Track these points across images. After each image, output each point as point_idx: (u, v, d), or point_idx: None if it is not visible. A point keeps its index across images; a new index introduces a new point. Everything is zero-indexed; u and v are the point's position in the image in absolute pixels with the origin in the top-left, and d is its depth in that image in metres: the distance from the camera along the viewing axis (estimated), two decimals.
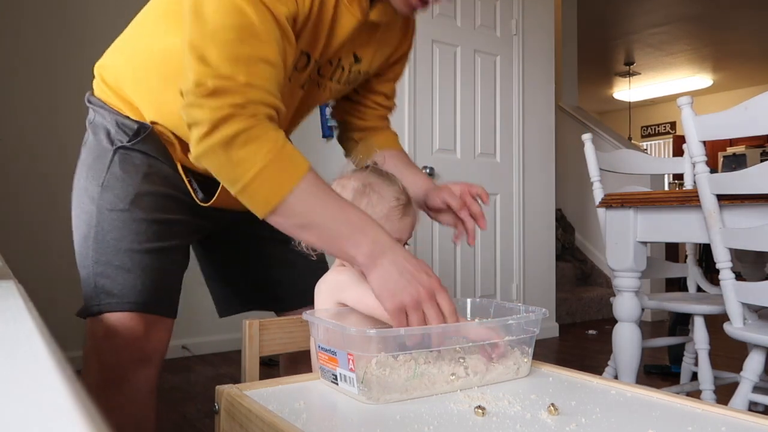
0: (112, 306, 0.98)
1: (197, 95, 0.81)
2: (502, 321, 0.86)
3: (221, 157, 0.81)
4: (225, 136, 0.80)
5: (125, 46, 1.09)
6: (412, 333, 0.78)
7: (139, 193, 1.01)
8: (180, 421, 2.08)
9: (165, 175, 1.05)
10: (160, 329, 1.03)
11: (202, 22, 0.82)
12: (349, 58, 1.07)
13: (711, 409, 0.71)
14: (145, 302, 1.00)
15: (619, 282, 1.76)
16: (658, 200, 1.62)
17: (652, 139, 10.45)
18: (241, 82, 0.81)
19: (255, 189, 0.81)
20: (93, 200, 1.02)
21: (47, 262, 2.67)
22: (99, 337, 0.99)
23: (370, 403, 0.72)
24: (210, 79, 0.80)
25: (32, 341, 0.36)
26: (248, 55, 0.82)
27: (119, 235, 1.00)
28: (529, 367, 0.87)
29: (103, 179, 1.02)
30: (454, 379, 0.78)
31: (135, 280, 0.99)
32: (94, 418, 0.22)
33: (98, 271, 1.00)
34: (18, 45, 2.67)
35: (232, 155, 0.80)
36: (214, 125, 0.80)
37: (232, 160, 0.80)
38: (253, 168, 0.80)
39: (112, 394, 0.99)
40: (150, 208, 1.02)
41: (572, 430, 0.63)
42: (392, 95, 1.27)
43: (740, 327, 1.44)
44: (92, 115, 1.09)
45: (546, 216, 3.70)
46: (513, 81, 3.54)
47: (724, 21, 6.28)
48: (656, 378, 2.69)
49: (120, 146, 1.03)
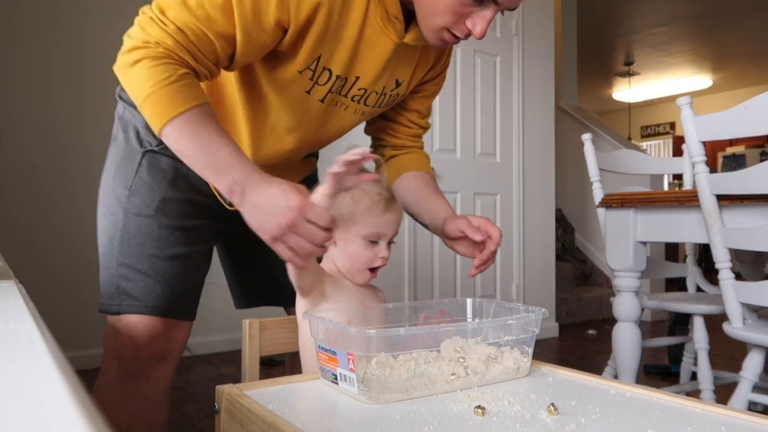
0: (132, 308, 1.01)
1: (140, 18, 0.87)
2: (502, 321, 0.86)
3: (127, 73, 0.86)
4: (130, 58, 0.85)
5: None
6: (412, 333, 0.78)
7: (164, 199, 1.04)
8: (180, 421, 2.08)
9: (190, 180, 1.06)
10: (179, 331, 1.06)
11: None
12: (391, 84, 1.07)
13: (710, 408, 0.71)
14: (164, 307, 1.02)
15: (619, 282, 1.76)
16: (658, 200, 1.62)
17: (652, 139, 10.45)
18: (172, 29, 0.85)
19: (144, 108, 0.86)
20: (120, 203, 1.04)
21: (47, 262, 2.67)
22: (120, 335, 1.02)
23: (370, 402, 0.73)
24: (155, 11, 0.86)
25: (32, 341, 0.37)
26: (194, 13, 0.86)
27: (143, 241, 1.02)
28: (529, 367, 0.88)
29: (132, 183, 1.04)
30: (454, 379, 0.78)
31: (155, 285, 1.02)
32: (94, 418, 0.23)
33: (121, 273, 1.02)
34: (18, 45, 2.67)
35: (133, 73, 0.85)
36: (138, 46, 0.85)
37: (132, 77, 0.86)
38: (146, 90, 0.84)
39: (131, 387, 1.02)
40: (174, 215, 1.04)
41: (572, 429, 0.64)
42: (427, 113, 1.26)
43: (740, 327, 1.44)
44: (121, 110, 1.10)
45: (546, 216, 3.70)
46: (513, 81, 3.54)
47: (724, 21, 6.28)
48: (656, 378, 2.69)
49: (149, 149, 1.05)
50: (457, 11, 0.91)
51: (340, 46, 0.96)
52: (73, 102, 2.77)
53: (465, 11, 0.91)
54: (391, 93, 1.10)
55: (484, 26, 0.92)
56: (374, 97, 1.07)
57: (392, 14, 0.96)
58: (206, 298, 1.35)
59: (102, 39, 2.75)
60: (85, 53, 2.78)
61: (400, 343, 0.77)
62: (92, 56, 2.77)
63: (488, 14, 0.92)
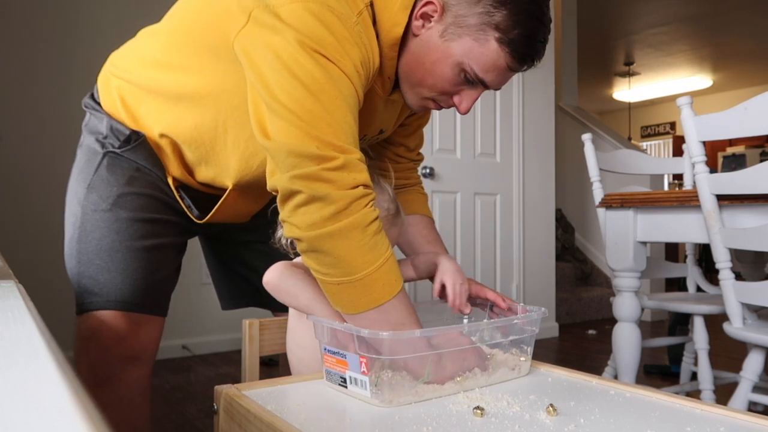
0: (95, 305, 0.99)
1: (325, 167, 0.75)
2: (503, 321, 0.87)
3: (354, 239, 0.76)
4: (363, 219, 0.77)
5: (142, 60, 1.03)
6: (426, 335, 0.77)
7: (121, 194, 1.02)
8: (180, 421, 2.08)
9: (151, 180, 1.04)
10: (148, 328, 1.03)
11: (301, 82, 0.77)
12: (374, 132, 1.05)
13: (710, 409, 0.71)
14: (128, 301, 1.00)
15: (619, 282, 1.76)
16: (658, 200, 1.62)
17: (652, 139, 10.44)
18: (359, 158, 0.79)
19: (372, 281, 0.77)
20: (79, 202, 1.03)
21: (47, 262, 2.67)
22: (86, 337, 1.00)
23: (383, 406, 0.72)
24: (333, 151, 0.76)
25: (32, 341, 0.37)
26: (353, 128, 0.80)
27: (101, 235, 1.01)
28: (528, 366, 0.88)
29: (90, 181, 1.03)
30: (461, 380, 0.78)
31: (117, 279, 0.99)
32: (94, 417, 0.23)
33: (81, 271, 1.01)
34: (19, 44, 2.67)
35: (365, 241, 0.77)
36: (348, 204, 0.76)
37: (365, 245, 0.77)
38: (380, 259, 0.78)
39: (102, 392, 0.99)
40: (132, 208, 1.02)
41: (571, 430, 0.64)
42: (415, 146, 1.21)
43: (740, 327, 1.44)
44: (87, 118, 1.10)
45: (546, 216, 3.70)
46: (513, 81, 3.54)
47: (723, 21, 6.28)
48: (656, 378, 2.69)
49: (110, 150, 1.03)
50: (445, 89, 0.90)
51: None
52: (74, 102, 2.77)
53: (453, 90, 0.91)
54: (372, 138, 1.08)
55: (470, 104, 0.92)
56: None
57: (386, 74, 0.93)
58: (206, 298, 1.35)
59: (103, 39, 2.75)
60: (86, 53, 2.78)
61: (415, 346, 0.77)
62: (93, 56, 2.77)
63: (476, 94, 0.92)
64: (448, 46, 0.86)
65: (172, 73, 0.97)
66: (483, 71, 0.87)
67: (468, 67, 0.87)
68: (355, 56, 0.81)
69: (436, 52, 0.87)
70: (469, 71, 0.87)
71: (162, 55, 0.99)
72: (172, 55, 0.97)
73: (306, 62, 0.77)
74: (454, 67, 0.87)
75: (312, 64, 0.77)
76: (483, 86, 0.90)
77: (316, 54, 0.78)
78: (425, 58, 0.88)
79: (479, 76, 0.87)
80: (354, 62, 0.81)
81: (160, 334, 1.06)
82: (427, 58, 0.88)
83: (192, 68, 0.94)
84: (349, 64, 0.80)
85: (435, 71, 0.88)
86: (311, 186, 0.76)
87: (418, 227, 1.14)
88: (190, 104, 0.97)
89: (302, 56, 0.77)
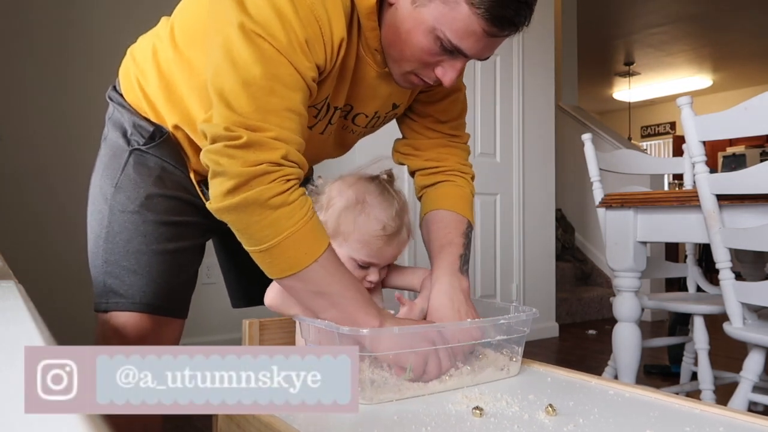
0: (120, 306, 1.00)
1: (228, 144, 0.78)
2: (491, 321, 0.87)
3: (253, 214, 0.79)
4: (260, 195, 0.78)
5: (157, 51, 1.04)
6: (405, 332, 0.78)
7: (149, 195, 1.02)
8: (180, 421, 2.08)
9: (177, 180, 1.05)
10: (169, 330, 1.05)
11: (233, 64, 0.79)
12: (386, 108, 1.03)
13: (709, 409, 0.71)
14: (152, 304, 1.01)
15: (619, 282, 1.76)
16: (658, 200, 1.62)
17: (652, 139, 10.44)
18: (273, 136, 0.79)
19: (279, 252, 0.80)
20: (106, 200, 1.03)
21: (47, 262, 2.67)
22: (108, 336, 1.00)
23: (364, 403, 0.73)
24: (242, 129, 0.78)
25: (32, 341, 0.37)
26: (277, 106, 0.80)
27: (128, 237, 1.01)
28: (518, 367, 0.88)
29: (117, 180, 1.03)
30: (446, 379, 0.78)
31: (142, 281, 1.00)
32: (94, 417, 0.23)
33: (107, 271, 1.01)
34: (19, 43, 2.67)
35: (265, 215, 0.79)
36: (246, 180, 0.78)
37: (264, 219, 0.79)
38: (284, 232, 0.79)
39: None
40: (160, 210, 1.03)
41: (570, 430, 0.64)
42: (448, 118, 1.11)
43: (740, 327, 1.44)
44: (111, 111, 1.10)
45: (546, 216, 3.70)
46: (513, 81, 3.54)
47: (724, 21, 6.27)
48: (656, 378, 2.69)
49: (136, 148, 1.04)
50: (424, 60, 0.87)
51: (343, 79, 0.94)
52: (74, 102, 2.77)
53: (433, 60, 0.87)
54: (388, 115, 1.06)
55: (454, 76, 0.88)
56: (363, 119, 1.04)
57: (372, 46, 0.91)
58: (206, 298, 1.35)
59: (105, 39, 2.75)
60: (88, 53, 2.78)
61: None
62: (95, 56, 2.77)
63: (458, 64, 0.87)
64: (420, 13, 0.82)
65: (182, 63, 0.99)
66: (457, 38, 0.82)
67: (441, 34, 0.82)
68: (299, 32, 0.80)
69: (409, 21, 0.84)
70: (444, 38, 0.82)
71: (173, 46, 1.00)
72: (184, 44, 0.99)
73: (237, 41, 0.79)
74: (428, 35, 0.83)
75: (243, 43, 0.78)
76: (463, 56, 0.85)
77: (252, 33, 0.78)
78: (401, 28, 0.85)
79: (454, 43, 0.82)
80: (298, 39, 0.80)
81: (180, 336, 1.08)
82: (402, 27, 0.85)
83: (200, 58, 0.95)
84: (289, 42, 0.79)
85: (411, 41, 0.85)
86: (215, 160, 0.79)
87: (426, 228, 1.15)
88: (199, 96, 0.97)
89: (237, 37, 0.79)
